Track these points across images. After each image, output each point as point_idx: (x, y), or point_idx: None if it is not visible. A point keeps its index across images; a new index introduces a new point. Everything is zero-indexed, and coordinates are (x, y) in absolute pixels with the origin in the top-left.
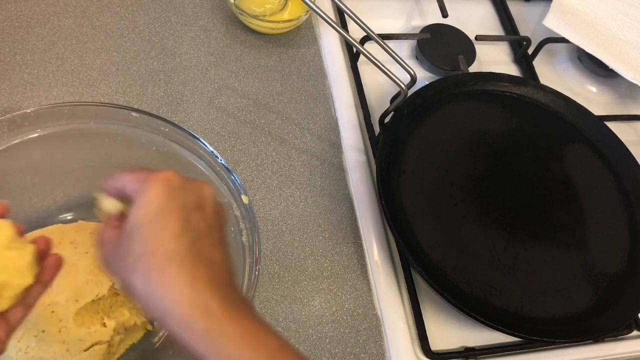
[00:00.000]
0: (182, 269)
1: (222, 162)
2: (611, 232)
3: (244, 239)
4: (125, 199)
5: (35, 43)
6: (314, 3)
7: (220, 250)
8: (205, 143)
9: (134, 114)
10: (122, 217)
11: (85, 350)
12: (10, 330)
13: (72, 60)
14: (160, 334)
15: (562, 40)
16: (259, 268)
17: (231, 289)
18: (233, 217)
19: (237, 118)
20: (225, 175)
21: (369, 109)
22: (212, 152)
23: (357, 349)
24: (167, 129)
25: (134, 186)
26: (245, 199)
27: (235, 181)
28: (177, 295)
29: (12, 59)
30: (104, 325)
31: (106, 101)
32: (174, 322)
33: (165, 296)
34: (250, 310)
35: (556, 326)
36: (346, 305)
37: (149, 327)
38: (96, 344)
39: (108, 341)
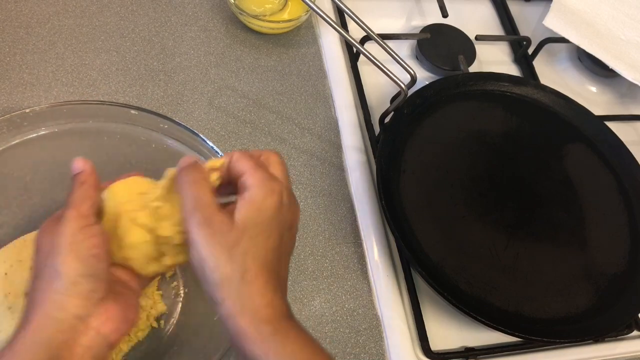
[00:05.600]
0: (270, 278)
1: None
2: (611, 232)
3: None
4: (232, 179)
5: (35, 43)
6: (314, 3)
7: (287, 267)
8: (205, 139)
9: (133, 111)
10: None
11: None
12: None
13: (72, 60)
14: (165, 330)
15: (562, 40)
16: None
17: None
18: None
19: (237, 118)
20: None
21: (369, 109)
22: (212, 147)
23: (357, 349)
24: (166, 126)
25: (251, 180)
26: None
27: None
28: (262, 298)
29: (12, 59)
30: None
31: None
32: (249, 319)
33: (249, 297)
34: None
35: (556, 326)
36: (346, 305)
37: (154, 325)
38: None
39: None
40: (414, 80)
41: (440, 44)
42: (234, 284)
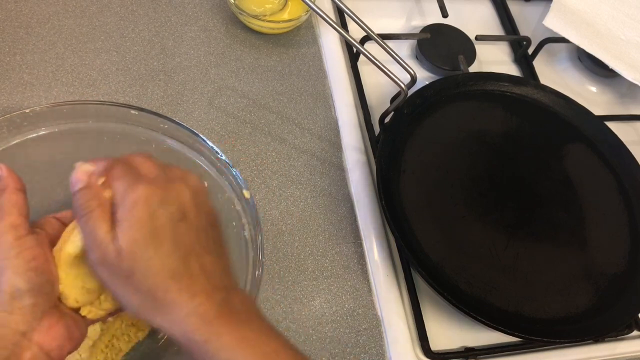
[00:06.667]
0: (181, 286)
1: (222, 157)
2: (611, 232)
3: (246, 233)
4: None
5: (35, 43)
6: (314, 3)
7: (214, 253)
8: (205, 139)
9: (132, 111)
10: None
11: (91, 347)
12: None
13: (72, 60)
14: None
15: (562, 40)
16: (263, 263)
17: (229, 294)
18: (235, 212)
19: (237, 118)
20: (225, 171)
21: (369, 109)
22: (211, 147)
23: (357, 349)
24: (166, 126)
25: (118, 190)
26: (246, 193)
27: (236, 176)
28: (180, 311)
29: (12, 59)
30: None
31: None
32: (178, 335)
33: (169, 312)
34: (249, 312)
35: (556, 326)
36: (346, 305)
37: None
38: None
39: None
40: (414, 80)
41: (440, 44)
42: (148, 306)
